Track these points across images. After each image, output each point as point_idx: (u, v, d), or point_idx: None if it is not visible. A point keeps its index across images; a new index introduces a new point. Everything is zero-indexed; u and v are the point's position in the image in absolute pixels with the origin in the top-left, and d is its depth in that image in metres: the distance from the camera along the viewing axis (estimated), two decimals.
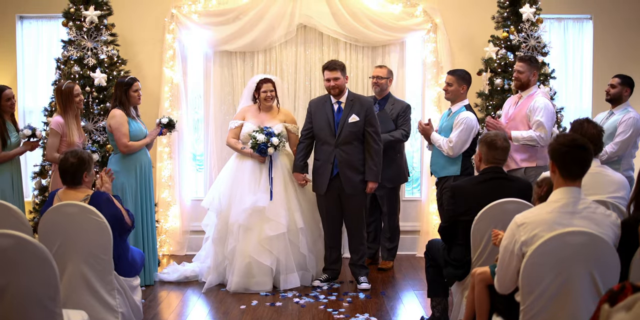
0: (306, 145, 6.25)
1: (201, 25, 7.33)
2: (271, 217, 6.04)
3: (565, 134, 3.93)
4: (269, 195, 6.09)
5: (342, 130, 5.99)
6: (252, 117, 6.35)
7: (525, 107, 5.91)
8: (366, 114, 6.00)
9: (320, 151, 6.15)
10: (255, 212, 6.03)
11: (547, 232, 3.24)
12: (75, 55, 6.70)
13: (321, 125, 6.09)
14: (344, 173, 6.01)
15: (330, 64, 6.06)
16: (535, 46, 6.76)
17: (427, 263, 4.96)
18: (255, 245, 6.00)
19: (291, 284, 6.09)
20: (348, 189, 6.03)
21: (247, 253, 5.97)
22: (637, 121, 6.05)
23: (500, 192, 4.33)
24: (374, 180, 6.03)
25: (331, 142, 6.03)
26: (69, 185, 4.45)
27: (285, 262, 6.08)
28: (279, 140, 6.10)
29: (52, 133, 5.91)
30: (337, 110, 6.07)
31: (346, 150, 6.01)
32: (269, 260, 6.00)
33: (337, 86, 6.02)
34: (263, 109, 6.37)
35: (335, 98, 6.09)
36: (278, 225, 6.03)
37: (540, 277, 3.21)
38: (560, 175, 3.37)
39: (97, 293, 4.28)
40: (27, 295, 3.24)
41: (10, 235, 3.24)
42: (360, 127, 5.99)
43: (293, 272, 6.13)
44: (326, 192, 6.09)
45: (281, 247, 6.06)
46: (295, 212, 6.17)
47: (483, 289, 3.84)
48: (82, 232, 4.20)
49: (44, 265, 3.26)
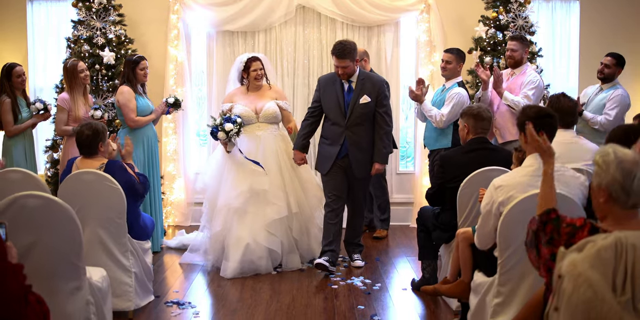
0: (311, 123, 6.03)
1: (204, 5, 7.63)
2: (274, 200, 5.95)
3: (530, 106, 4.26)
4: (268, 178, 5.99)
5: (352, 112, 5.79)
6: (241, 99, 6.21)
7: (519, 82, 6.24)
8: (377, 94, 5.80)
9: (329, 130, 5.96)
10: (254, 195, 5.93)
11: (521, 193, 3.60)
12: (85, 35, 7.06)
13: (330, 106, 5.87)
14: (354, 155, 5.84)
15: (339, 51, 5.70)
16: (523, 26, 7.11)
17: (418, 228, 5.35)
18: (258, 229, 5.87)
19: (292, 264, 6.02)
20: (358, 172, 5.88)
21: (245, 237, 5.82)
22: (624, 98, 6.33)
23: (485, 161, 4.68)
24: (382, 162, 5.89)
25: (341, 124, 5.83)
26: (86, 155, 4.81)
27: (288, 244, 6.02)
28: (232, 126, 5.85)
29: (58, 109, 6.30)
30: (348, 89, 5.84)
31: (356, 131, 5.82)
32: (275, 244, 5.90)
33: (346, 73, 5.78)
34: (252, 89, 6.23)
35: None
36: (280, 209, 5.95)
37: (515, 234, 3.56)
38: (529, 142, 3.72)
39: (112, 254, 4.62)
40: (54, 250, 3.58)
41: (39, 196, 3.61)
42: (371, 108, 5.80)
43: (294, 253, 6.07)
44: (329, 171, 5.93)
45: (283, 230, 5.98)
46: (291, 197, 6.06)
47: (466, 247, 4.22)
48: (98, 197, 4.52)
49: (69, 224, 3.60)
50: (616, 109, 6.22)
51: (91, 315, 3.76)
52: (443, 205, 4.97)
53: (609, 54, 6.49)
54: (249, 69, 6.15)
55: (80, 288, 3.70)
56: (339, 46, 5.70)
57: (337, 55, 5.70)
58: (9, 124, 6.25)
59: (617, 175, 2.61)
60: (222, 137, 5.88)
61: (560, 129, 4.55)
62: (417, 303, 5.15)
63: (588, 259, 2.38)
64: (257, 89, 6.24)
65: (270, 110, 6.16)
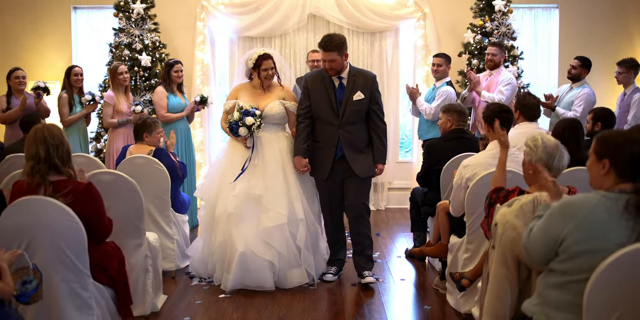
0: (306, 125, 5.56)
1: (227, 14, 8.70)
2: (269, 206, 5.42)
3: (493, 103, 5.28)
4: (263, 182, 5.49)
5: (345, 109, 5.40)
6: (246, 96, 5.71)
7: (495, 81, 7.25)
8: (371, 90, 5.45)
9: (321, 132, 5.54)
10: (249, 200, 5.42)
11: (483, 170, 4.61)
12: (125, 41, 8.12)
13: (321, 104, 5.46)
14: (351, 156, 5.44)
15: (324, 43, 5.34)
16: (506, 32, 8.12)
17: (410, 205, 6.40)
18: (252, 237, 5.36)
19: (296, 280, 5.48)
20: (360, 170, 5.47)
21: (239, 245, 5.32)
22: (590, 96, 7.28)
23: (463, 148, 5.66)
24: (382, 162, 5.57)
25: (334, 123, 5.44)
26: (136, 140, 5.94)
27: (288, 256, 5.42)
28: (254, 120, 5.42)
29: (105, 104, 7.35)
30: (339, 86, 5.44)
31: (350, 130, 5.44)
32: (269, 254, 5.34)
33: (334, 68, 5.38)
34: (261, 86, 5.74)
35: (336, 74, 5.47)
36: (278, 216, 5.38)
37: (479, 202, 4.50)
38: (492, 132, 4.76)
39: (159, 224, 5.64)
40: (122, 214, 4.52)
41: (111, 172, 4.65)
42: (365, 105, 5.43)
43: (298, 266, 5.49)
44: (328, 177, 5.54)
45: (282, 240, 5.39)
46: (295, 201, 5.50)
47: (444, 216, 5.25)
48: (148, 177, 5.48)
49: (134, 194, 4.60)
50: (583, 106, 7.14)
51: (149, 267, 4.78)
52: (430, 186, 5.98)
53: (576, 57, 7.40)
54: (260, 67, 5.63)
55: (141, 245, 4.72)
56: (325, 38, 5.36)
57: (322, 47, 5.34)
58: (64, 115, 7.32)
59: (542, 155, 3.63)
60: (244, 132, 5.45)
61: (525, 122, 5.62)
62: (409, 267, 6.20)
63: (514, 211, 3.41)
64: (266, 87, 5.75)
65: (274, 110, 5.62)
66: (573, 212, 2.71)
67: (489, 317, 3.42)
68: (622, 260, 2.44)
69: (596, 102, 7.26)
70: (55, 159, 3.62)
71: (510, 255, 3.33)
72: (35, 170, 3.60)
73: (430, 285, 5.60)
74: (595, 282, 2.48)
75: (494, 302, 3.41)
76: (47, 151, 3.61)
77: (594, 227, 2.66)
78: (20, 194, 3.59)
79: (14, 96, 7.27)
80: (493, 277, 3.46)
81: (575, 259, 2.69)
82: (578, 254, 2.68)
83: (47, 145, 3.61)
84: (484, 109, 4.99)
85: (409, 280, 5.79)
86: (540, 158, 3.63)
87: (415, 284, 5.73)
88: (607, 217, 2.66)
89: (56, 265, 3.54)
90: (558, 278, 2.78)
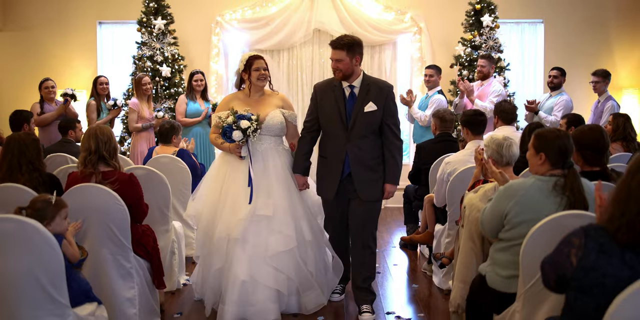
0: (309, 140, 5.07)
1: (239, 29, 9.51)
2: (278, 228, 4.85)
3: (468, 110, 5.98)
4: (273, 202, 4.88)
5: (355, 121, 4.78)
6: (239, 106, 5.02)
7: (486, 91, 8.02)
8: (385, 102, 4.82)
9: (328, 146, 4.97)
10: (254, 221, 4.82)
11: (462, 166, 5.37)
12: (147, 54, 8.92)
13: (329, 115, 4.87)
14: (358, 173, 4.83)
15: (334, 41, 4.81)
16: (493, 46, 8.89)
17: (404, 201, 7.16)
18: (258, 264, 4.78)
19: (313, 303, 5.04)
20: (364, 194, 4.86)
21: (241, 273, 4.73)
22: (568, 102, 8.02)
23: (449, 149, 6.38)
24: (394, 183, 4.93)
25: (342, 136, 4.83)
26: (163, 142, 6.70)
27: (299, 280, 4.94)
28: (249, 123, 4.79)
29: (130, 111, 8.13)
30: (350, 96, 4.84)
31: (360, 145, 4.82)
32: (276, 281, 4.80)
33: (340, 69, 4.77)
34: (254, 93, 5.13)
35: (347, 82, 4.85)
36: (287, 239, 4.85)
37: (457, 194, 5.27)
38: (470, 133, 5.54)
39: (181, 215, 6.39)
40: (152, 203, 5.18)
41: (143, 168, 5.43)
42: (378, 118, 4.80)
43: (312, 288, 5.01)
44: (335, 196, 4.96)
45: (292, 264, 4.88)
46: (302, 221, 4.98)
47: (430, 207, 6.02)
48: (172, 174, 6.18)
49: (162, 186, 5.37)
50: (562, 111, 7.88)
51: (175, 250, 5.56)
52: (420, 183, 6.72)
53: (553, 68, 8.18)
54: (251, 67, 5.04)
55: (168, 230, 5.49)
56: (337, 37, 4.86)
57: (331, 44, 4.83)
58: (92, 121, 8.13)
59: (494, 146, 4.37)
60: (238, 136, 4.82)
61: (504, 125, 6.40)
62: (402, 255, 6.98)
63: (478, 196, 4.19)
64: (260, 94, 5.17)
65: (275, 120, 5.06)
66: (513, 193, 3.48)
67: (459, 282, 4.22)
68: (546, 227, 3.19)
69: (573, 108, 8.02)
70: (104, 152, 4.40)
71: (475, 232, 4.12)
72: (88, 160, 4.38)
73: (420, 269, 6.36)
74: (527, 244, 3.24)
75: (462, 270, 4.21)
76: (97, 145, 4.38)
77: (530, 203, 3.43)
78: (76, 181, 4.36)
79: (46, 103, 8.06)
80: (462, 250, 4.25)
81: (516, 228, 3.46)
82: (518, 224, 3.45)
83: (97, 140, 4.40)
84: (462, 114, 5.76)
85: (402, 266, 6.55)
86: (493, 150, 4.35)
87: (407, 269, 6.48)
88: (540, 194, 3.43)
89: (105, 240, 4.30)
90: (504, 244, 3.56)
